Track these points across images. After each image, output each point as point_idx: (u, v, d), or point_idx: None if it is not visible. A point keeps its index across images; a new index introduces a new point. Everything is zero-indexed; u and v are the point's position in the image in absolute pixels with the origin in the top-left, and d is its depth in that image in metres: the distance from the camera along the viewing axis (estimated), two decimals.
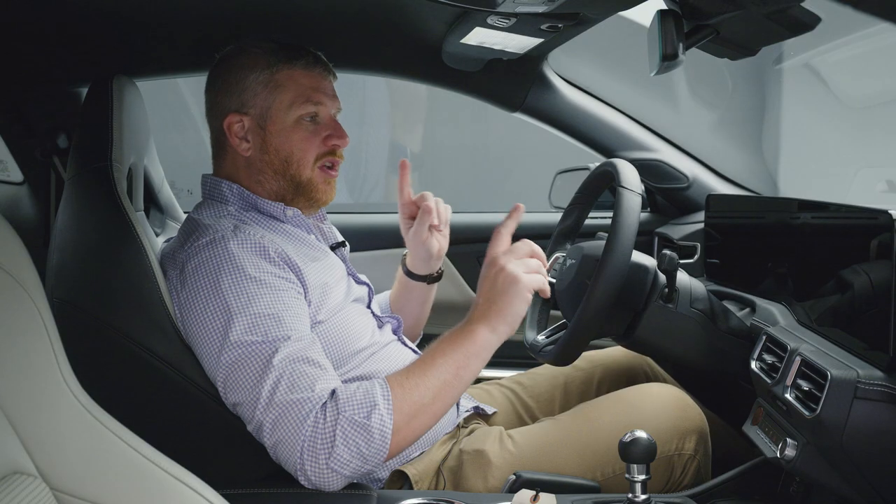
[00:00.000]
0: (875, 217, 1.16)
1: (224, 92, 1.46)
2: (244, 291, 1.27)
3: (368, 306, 1.58)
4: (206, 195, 1.48)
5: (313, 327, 1.36)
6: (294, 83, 1.43)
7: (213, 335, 1.26)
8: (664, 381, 1.73)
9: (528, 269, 1.29)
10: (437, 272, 1.70)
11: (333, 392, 1.21)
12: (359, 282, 1.58)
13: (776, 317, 1.40)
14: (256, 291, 1.27)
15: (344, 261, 1.57)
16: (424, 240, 1.61)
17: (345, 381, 1.27)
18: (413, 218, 1.62)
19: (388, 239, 2.28)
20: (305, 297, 1.35)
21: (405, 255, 1.71)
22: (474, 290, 2.17)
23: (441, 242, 1.64)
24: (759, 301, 1.52)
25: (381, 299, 1.79)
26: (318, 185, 1.47)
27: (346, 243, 1.63)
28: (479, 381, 2.19)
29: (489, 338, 1.28)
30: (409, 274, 1.69)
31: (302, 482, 1.19)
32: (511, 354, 2.27)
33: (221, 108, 1.46)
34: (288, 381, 1.21)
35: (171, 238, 1.54)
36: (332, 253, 1.53)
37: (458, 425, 1.52)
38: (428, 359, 1.27)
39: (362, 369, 1.43)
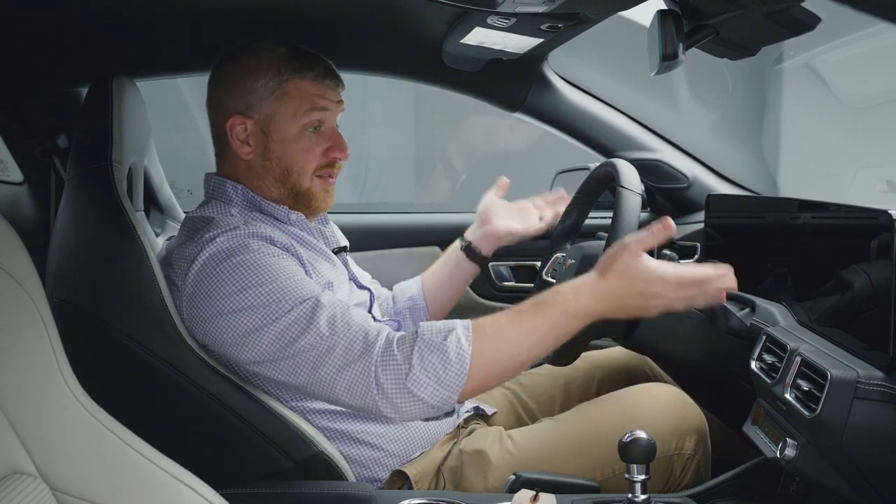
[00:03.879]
0: (875, 217, 1.16)
1: (230, 92, 1.44)
2: (269, 265, 1.28)
3: (370, 310, 1.57)
4: (210, 195, 1.47)
5: None
6: (301, 93, 1.42)
7: (247, 315, 1.24)
8: (664, 381, 1.73)
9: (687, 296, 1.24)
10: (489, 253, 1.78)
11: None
12: (360, 287, 1.58)
13: (776, 317, 1.40)
14: (280, 264, 1.29)
15: (346, 265, 1.57)
16: (516, 226, 1.73)
17: None
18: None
19: (389, 239, 2.28)
20: None
21: (466, 235, 1.77)
22: (473, 290, 2.17)
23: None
24: (759, 301, 1.51)
25: (411, 288, 1.78)
26: (316, 193, 1.47)
27: (348, 247, 1.62)
28: None
29: (593, 312, 1.24)
30: (470, 251, 1.75)
31: (385, 410, 1.19)
32: None
33: (225, 107, 1.44)
34: (343, 318, 1.23)
35: (173, 237, 1.54)
36: (334, 257, 1.52)
37: (457, 426, 1.51)
38: (523, 307, 1.24)
39: None
